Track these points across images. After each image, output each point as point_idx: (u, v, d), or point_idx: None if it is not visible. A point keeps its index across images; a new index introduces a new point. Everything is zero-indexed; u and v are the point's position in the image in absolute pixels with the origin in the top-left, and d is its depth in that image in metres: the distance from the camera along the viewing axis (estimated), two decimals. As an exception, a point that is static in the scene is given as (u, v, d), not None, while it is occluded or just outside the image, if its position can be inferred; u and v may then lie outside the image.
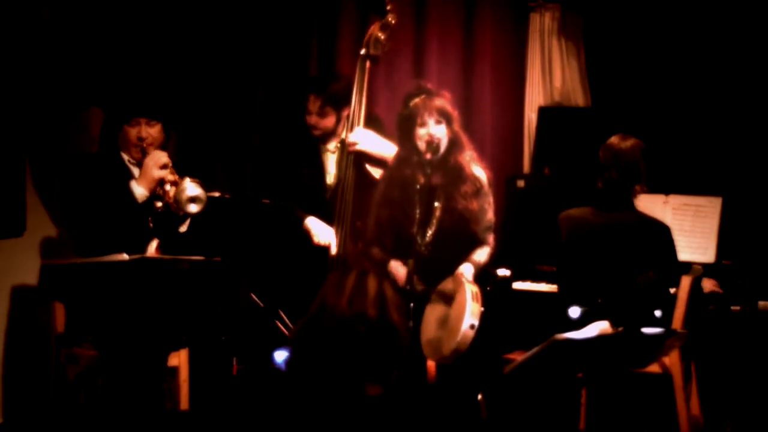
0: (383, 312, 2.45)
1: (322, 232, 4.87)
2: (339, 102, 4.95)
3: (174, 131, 4.65)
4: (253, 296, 4.62)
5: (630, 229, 4.34)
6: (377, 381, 2.42)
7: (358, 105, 4.89)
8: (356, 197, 4.84)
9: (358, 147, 4.83)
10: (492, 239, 4.58)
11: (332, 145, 5.03)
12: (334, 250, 4.84)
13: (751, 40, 5.30)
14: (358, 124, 4.87)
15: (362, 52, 4.90)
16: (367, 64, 4.90)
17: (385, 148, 4.80)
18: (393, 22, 4.90)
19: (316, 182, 5.01)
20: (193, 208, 4.26)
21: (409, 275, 4.34)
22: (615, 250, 4.34)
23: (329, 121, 4.98)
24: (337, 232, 4.85)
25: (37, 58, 5.05)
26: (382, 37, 4.88)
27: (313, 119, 4.97)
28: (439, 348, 4.21)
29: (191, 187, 4.25)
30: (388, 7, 4.89)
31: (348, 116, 4.95)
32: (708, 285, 4.72)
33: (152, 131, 4.40)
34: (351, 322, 2.43)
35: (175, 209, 4.28)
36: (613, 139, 4.42)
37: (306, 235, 4.89)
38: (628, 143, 4.37)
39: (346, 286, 2.49)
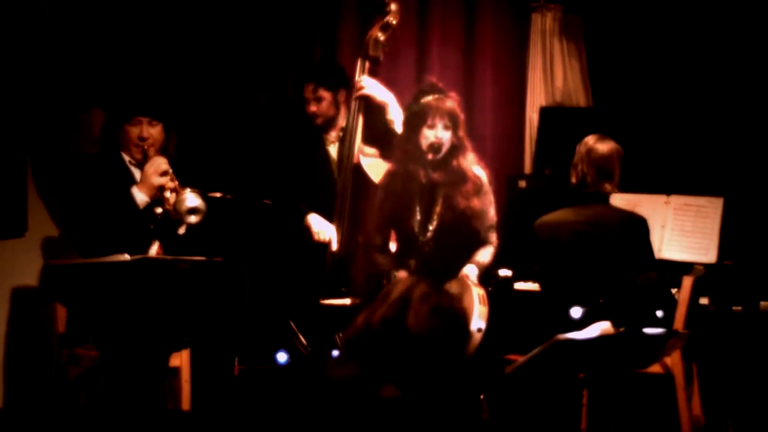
0: (401, 315, 2.44)
1: (322, 229, 4.85)
2: (331, 83, 4.93)
3: (174, 132, 4.64)
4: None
5: (610, 223, 4.31)
6: (395, 383, 2.41)
7: (357, 110, 4.83)
8: (354, 193, 4.79)
9: (364, 91, 4.77)
10: (494, 238, 4.56)
11: (333, 135, 5.00)
12: (334, 247, 4.82)
13: (752, 40, 5.30)
14: (357, 129, 4.81)
15: (362, 53, 4.85)
16: (367, 65, 4.84)
17: (388, 97, 4.77)
18: (394, 22, 4.83)
19: (323, 174, 4.97)
20: (193, 219, 4.26)
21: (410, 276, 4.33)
22: (598, 243, 4.31)
23: (326, 105, 4.94)
24: (337, 229, 4.83)
25: (39, 57, 5.05)
26: (383, 38, 4.80)
27: (311, 107, 4.95)
28: None
29: (191, 198, 4.24)
30: (389, 8, 4.82)
31: (345, 101, 4.94)
32: None
33: (154, 132, 4.39)
34: (370, 326, 2.43)
35: (174, 216, 4.29)
36: (590, 139, 4.40)
37: (307, 232, 4.87)
38: (605, 147, 4.35)
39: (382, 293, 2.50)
